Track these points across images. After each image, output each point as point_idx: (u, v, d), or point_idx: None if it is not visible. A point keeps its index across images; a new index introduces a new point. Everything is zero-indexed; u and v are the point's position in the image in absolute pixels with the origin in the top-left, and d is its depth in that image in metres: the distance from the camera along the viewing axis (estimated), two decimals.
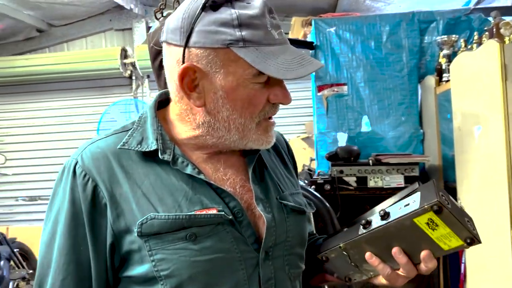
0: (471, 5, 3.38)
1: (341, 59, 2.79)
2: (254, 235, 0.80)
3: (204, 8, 0.76)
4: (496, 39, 1.93)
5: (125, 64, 4.61)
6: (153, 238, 0.75)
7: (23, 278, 3.84)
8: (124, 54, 4.62)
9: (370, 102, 2.78)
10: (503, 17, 2.40)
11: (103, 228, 0.78)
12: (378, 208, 0.88)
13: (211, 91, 0.78)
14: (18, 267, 3.73)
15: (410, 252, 0.78)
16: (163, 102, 0.90)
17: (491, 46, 1.86)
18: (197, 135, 0.83)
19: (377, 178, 2.48)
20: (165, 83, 1.94)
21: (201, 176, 0.80)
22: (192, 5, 0.77)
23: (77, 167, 0.80)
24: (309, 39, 3.00)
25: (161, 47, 1.86)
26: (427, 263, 0.78)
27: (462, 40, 2.48)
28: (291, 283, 0.85)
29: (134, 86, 4.79)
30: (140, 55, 4.42)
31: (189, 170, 0.80)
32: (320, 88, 2.80)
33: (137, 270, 0.77)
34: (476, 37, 2.28)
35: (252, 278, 0.79)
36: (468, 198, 2.16)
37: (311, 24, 2.90)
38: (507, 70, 1.78)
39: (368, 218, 0.79)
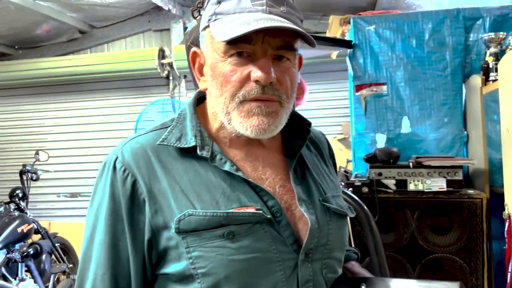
0: None
1: (380, 58, 2.71)
2: (293, 236, 0.79)
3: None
4: None
5: (162, 64, 4.68)
6: (191, 235, 0.75)
7: (64, 272, 3.95)
8: (161, 54, 4.69)
9: (410, 103, 2.68)
10: None
11: (141, 224, 0.78)
12: (402, 284, 0.81)
13: (206, 72, 0.81)
14: (59, 261, 3.84)
15: None
16: (202, 99, 0.90)
17: None
18: (219, 125, 0.83)
19: (418, 181, 2.38)
20: None
21: (239, 174, 0.79)
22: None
23: (117, 162, 0.81)
24: (347, 37, 2.93)
25: (198, 46, 1.85)
26: None
27: (510, 38, 2.35)
28: None
29: (171, 86, 4.85)
30: (178, 56, 4.47)
31: (227, 167, 0.79)
32: (358, 88, 2.73)
33: (174, 267, 0.77)
34: None
35: (291, 280, 0.77)
36: None
37: (349, 23, 2.84)
38: None
39: None
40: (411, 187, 2.39)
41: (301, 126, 0.91)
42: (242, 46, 0.75)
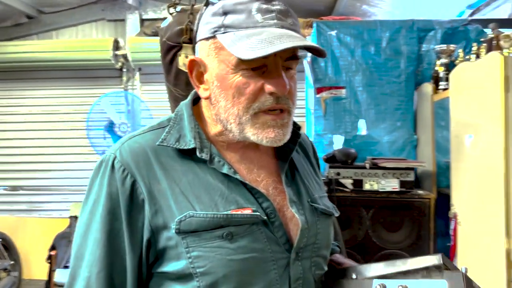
0: (464, 16, 3.47)
1: (340, 62, 2.83)
2: (285, 236, 0.82)
3: (207, 4, 0.82)
4: (499, 51, 1.99)
5: (116, 55, 4.54)
6: (191, 235, 0.76)
7: (5, 269, 3.76)
8: (116, 45, 4.55)
9: (367, 106, 2.83)
10: (499, 29, 2.48)
11: (139, 223, 0.79)
12: (388, 266, 0.84)
13: (211, 82, 0.82)
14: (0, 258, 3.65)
15: None
16: (197, 99, 0.91)
17: (493, 57, 1.92)
18: (219, 130, 0.85)
19: (373, 181, 2.52)
20: (175, 78, 1.93)
21: (237, 176, 0.81)
22: (203, 8, 0.84)
23: (115, 162, 0.80)
24: (308, 39, 3.02)
25: (174, 42, 1.85)
26: None
27: (460, 50, 2.55)
28: (316, 284, 0.87)
29: (125, 78, 4.72)
30: (133, 47, 4.36)
31: (225, 169, 0.81)
32: (319, 90, 2.83)
33: (173, 266, 0.78)
34: (475, 48, 2.34)
35: (283, 278, 0.81)
36: (462, 205, 2.22)
37: (312, 26, 2.93)
38: (508, 82, 1.83)
39: (383, 283, 0.79)
40: (367, 186, 2.53)
41: (292, 129, 0.93)
42: (256, 61, 0.77)
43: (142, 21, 4.76)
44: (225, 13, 0.78)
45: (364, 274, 0.83)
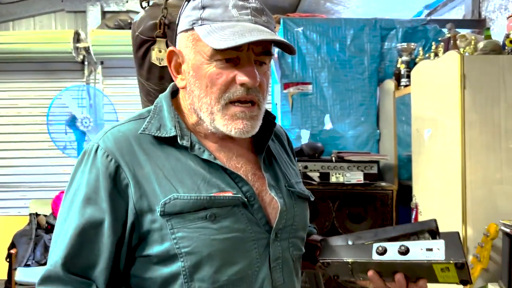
0: (423, 16, 3.63)
1: (307, 58, 2.89)
2: (265, 217, 0.87)
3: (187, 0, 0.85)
4: (456, 50, 2.11)
5: (77, 48, 4.43)
6: (175, 217, 0.80)
7: None
8: (76, 37, 4.43)
9: (332, 102, 2.91)
10: (456, 29, 2.62)
11: (122, 208, 0.81)
12: (380, 231, 0.89)
13: (187, 72, 0.86)
14: None
15: (409, 276, 0.84)
16: (175, 92, 0.95)
17: (451, 56, 2.03)
18: (196, 120, 0.89)
19: (339, 174, 2.61)
20: (148, 73, 1.93)
21: (218, 162, 0.85)
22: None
23: (99, 150, 0.83)
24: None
25: (147, 37, 1.85)
26: (421, 286, 0.87)
27: (420, 49, 2.67)
28: (294, 264, 0.93)
29: (86, 72, 4.61)
30: (95, 40, 4.26)
31: (206, 155, 0.85)
32: (286, 86, 2.89)
33: (157, 248, 0.81)
34: (433, 47, 2.47)
35: (263, 257, 0.86)
36: (422, 195, 2.35)
37: (279, 23, 2.97)
38: (465, 79, 1.95)
39: (383, 245, 0.84)
40: (333, 179, 2.61)
41: (267, 119, 0.97)
42: (229, 53, 0.81)
43: (104, 13, 4.66)
44: (203, 7, 0.82)
45: (360, 240, 0.88)
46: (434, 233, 0.85)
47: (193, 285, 0.81)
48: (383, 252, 0.83)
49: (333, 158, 2.63)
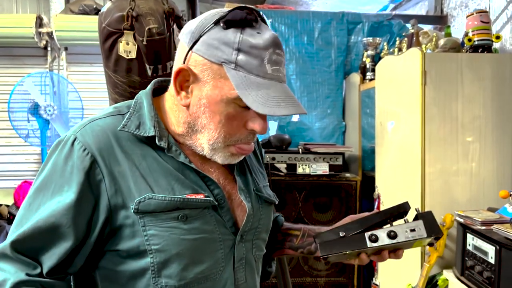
0: (389, 10, 3.71)
1: None
2: (232, 220, 0.91)
3: (216, 23, 0.82)
4: (418, 47, 2.19)
5: (40, 33, 4.28)
6: (148, 215, 0.82)
7: None
8: (39, 22, 4.28)
9: (300, 94, 2.96)
10: (419, 25, 2.70)
11: (90, 202, 0.82)
12: (364, 220, 0.98)
13: (197, 96, 0.85)
14: None
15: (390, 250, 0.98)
16: (157, 90, 0.96)
17: (414, 53, 2.11)
18: (180, 132, 0.90)
19: (305, 165, 2.67)
20: (115, 65, 1.92)
21: (192, 165, 0.88)
22: (211, 17, 0.84)
23: (76, 142, 0.83)
24: None
25: (114, 29, 1.84)
26: (399, 255, 0.99)
27: (385, 43, 2.74)
28: (256, 264, 0.98)
29: (49, 58, 4.47)
30: (59, 26, 4.13)
31: (182, 158, 0.88)
32: None
33: (128, 243, 0.83)
34: (398, 42, 2.55)
35: (228, 257, 0.90)
36: (384, 186, 2.44)
37: None
38: (426, 75, 2.03)
39: (374, 233, 0.94)
40: (300, 170, 2.67)
41: None
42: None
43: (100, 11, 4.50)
44: (239, 50, 0.80)
45: (350, 232, 0.96)
46: (406, 212, 0.99)
47: (160, 280, 0.84)
48: (376, 239, 0.93)
49: (300, 150, 2.69)
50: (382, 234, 0.94)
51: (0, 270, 0.80)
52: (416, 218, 0.96)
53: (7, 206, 3.86)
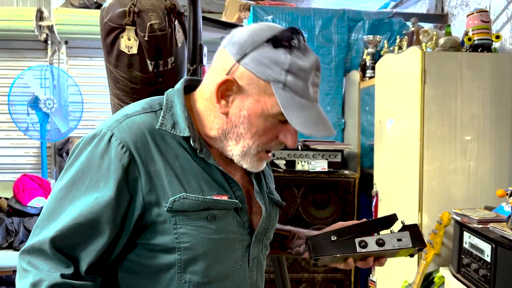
0: (389, 8, 3.71)
1: None
2: (248, 221, 0.95)
3: (268, 41, 0.85)
4: (418, 46, 2.19)
5: (40, 26, 4.28)
6: (180, 214, 0.85)
7: None
8: (40, 15, 4.27)
9: None
10: (419, 23, 2.71)
11: (126, 199, 0.84)
12: (355, 226, 1.04)
13: (238, 107, 0.88)
14: None
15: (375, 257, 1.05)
16: (186, 88, 0.97)
17: (414, 52, 2.11)
18: (212, 136, 0.92)
19: (304, 162, 2.68)
20: (116, 60, 1.92)
21: (220, 167, 0.91)
22: (262, 33, 0.86)
23: (113, 138, 0.85)
24: (245, 24, 3.08)
25: (116, 24, 1.84)
26: (382, 263, 1.06)
27: (385, 41, 2.75)
28: (263, 263, 1.03)
29: (50, 51, 4.47)
30: (60, 19, 4.13)
31: (211, 160, 0.91)
32: None
33: (159, 239, 0.86)
34: (398, 40, 2.55)
35: (244, 257, 0.95)
36: (382, 184, 2.46)
37: (249, 10, 2.98)
38: (426, 74, 2.04)
39: (363, 239, 1.00)
40: (299, 167, 2.68)
41: None
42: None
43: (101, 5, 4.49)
44: (288, 71, 0.84)
45: (341, 237, 1.01)
46: (392, 224, 1.06)
47: (185, 276, 0.87)
48: (365, 245, 1.00)
49: (299, 147, 2.70)
50: (371, 241, 1.00)
51: (35, 268, 0.81)
52: (402, 229, 1.04)
53: (7, 199, 3.87)
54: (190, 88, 0.97)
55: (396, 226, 1.05)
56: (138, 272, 0.88)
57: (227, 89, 0.88)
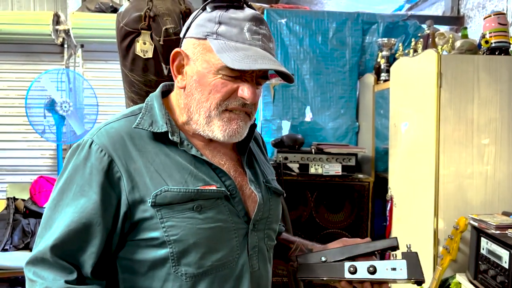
0: (404, 10, 3.68)
1: (289, 50, 2.92)
2: (244, 210, 0.96)
3: (204, 9, 0.92)
4: (434, 49, 2.17)
5: (57, 30, 4.34)
6: (165, 207, 0.87)
7: None
8: (56, 19, 4.34)
9: (313, 94, 2.96)
10: (435, 26, 2.68)
11: (113, 200, 0.87)
12: (349, 249, 1.00)
13: (190, 76, 0.92)
14: None
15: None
16: (165, 93, 1.02)
17: (429, 55, 2.09)
18: (185, 120, 0.95)
19: (318, 165, 2.67)
20: (131, 64, 1.95)
21: (204, 157, 0.93)
22: (199, 7, 0.93)
23: (93, 145, 0.89)
24: None
25: (132, 28, 1.86)
26: None
27: (400, 44, 2.73)
28: (267, 253, 1.02)
29: (66, 55, 4.53)
30: (76, 23, 4.19)
31: (193, 151, 0.93)
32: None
33: (149, 235, 0.88)
34: (413, 43, 2.53)
35: (242, 245, 0.95)
36: (397, 188, 2.43)
37: (262, 13, 2.99)
38: (442, 77, 2.02)
39: (354, 264, 0.95)
40: (312, 170, 2.67)
41: None
42: (237, 71, 0.88)
43: (117, 10, 4.55)
44: (220, 23, 0.89)
45: (332, 258, 0.98)
46: (395, 249, 0.98)
47: (180, 269, 0.88)
48: (354, 271, 0.94)
49: (313, 150, 2.69)
50: (362, 267, 0.94)
51: (40, 278, 0.84)
52: (402, 256, 0.96)
53: (23, 200, 3.93)
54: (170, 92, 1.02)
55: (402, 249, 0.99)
56: (137, 270, 0.90)
57: (180, 64, 0.94)
